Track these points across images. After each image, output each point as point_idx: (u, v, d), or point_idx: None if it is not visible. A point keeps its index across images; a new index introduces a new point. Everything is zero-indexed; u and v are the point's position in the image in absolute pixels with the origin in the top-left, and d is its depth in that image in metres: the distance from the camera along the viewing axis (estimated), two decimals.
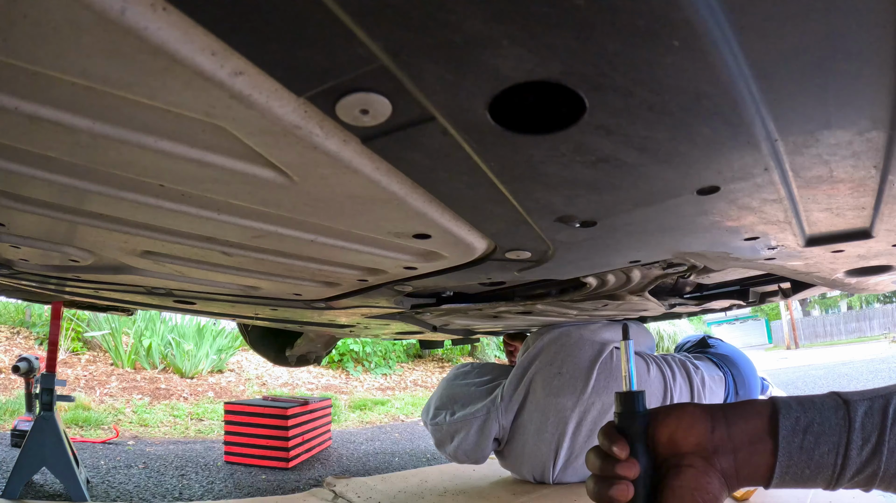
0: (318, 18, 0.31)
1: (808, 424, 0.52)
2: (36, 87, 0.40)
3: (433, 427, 1.93)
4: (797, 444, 0.51)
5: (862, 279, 0.99)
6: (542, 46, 0.32)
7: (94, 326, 5.70)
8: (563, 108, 0.39)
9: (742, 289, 1.27)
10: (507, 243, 0.75)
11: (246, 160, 0.50)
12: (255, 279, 1.04)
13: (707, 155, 0.46)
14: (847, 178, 0.52)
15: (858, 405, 0.52)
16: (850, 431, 0.50)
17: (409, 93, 0.37)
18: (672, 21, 0.30)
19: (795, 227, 0.67)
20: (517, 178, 0.51)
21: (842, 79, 0.36)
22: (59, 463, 1.87)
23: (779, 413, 0.52)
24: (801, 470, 0.51)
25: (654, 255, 0.83)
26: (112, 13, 0.31)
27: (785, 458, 0.51)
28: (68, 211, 0.70)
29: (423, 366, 7.90)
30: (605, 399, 1.74)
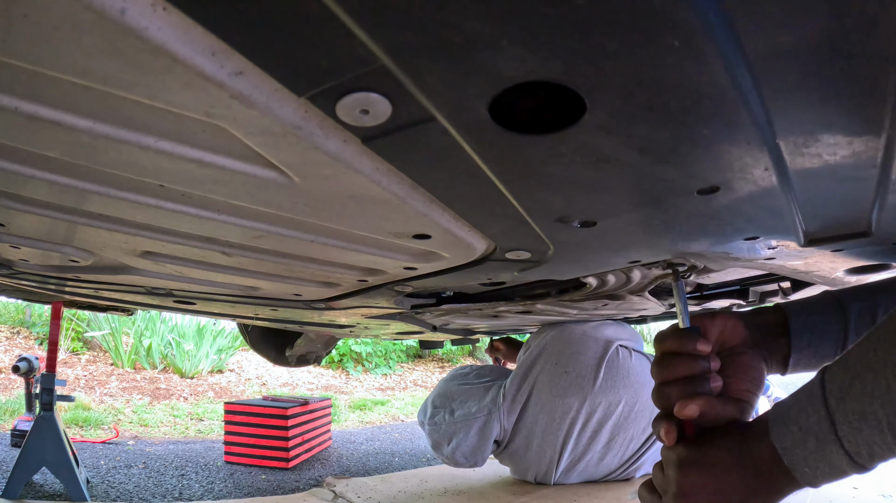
0: (319, 18, 0.31)
1: (812, 325, 0.64)
2: (36, 87, 0.40)
3: (431, 427, 1.89)
4: (805, 342, 0.64)
5: (862, 277, 0.99)
6: (542, 46, 0.32)
7: (94, 326, 5.70)
8: (564, 109, 0.39)
9: (742, 288, 1.27)
10: (507, 243, 0.75)
11: (246, 160, 0.50)
12: (255, 279, 1.04)
13: (707, 155, 0.46)
14: (847, 178, 0.52)
15: (853, 305, 0.64)
16: (846, 330, 0.63)
17: (410, 93, 0.37)
18: (672, 21, 0.30)
19: (795, 226, 0.67)
20: (517, 179, 0.51)
21: (842, 79, 0.36)
22: (59, 463, 1.87)
23: (789, 316, 0.66)
24: (808, 361, 0.64)
25: (655, 256, 0.83)
26: (112, 13, 0.31)
27: (796, 353, 0.64)
28: (68, 211, 0.70)
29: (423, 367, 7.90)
30: (610, 398, 1.71)
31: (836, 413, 0.47)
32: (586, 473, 1.81)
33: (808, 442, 0.49)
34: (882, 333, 0.45)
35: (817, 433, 0.48)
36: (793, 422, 0.51)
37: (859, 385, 0.45)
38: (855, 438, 0.45)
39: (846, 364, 0.48)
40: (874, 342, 0.45)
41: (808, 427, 0.49)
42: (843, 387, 0.46)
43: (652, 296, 1.26)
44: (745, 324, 0.67)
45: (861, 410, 0.44)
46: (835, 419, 0.47)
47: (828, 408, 0.47)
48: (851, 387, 0.46)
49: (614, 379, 1.73)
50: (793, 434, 0.51)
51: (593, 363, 1.74)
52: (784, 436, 0.52)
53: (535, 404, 1.77)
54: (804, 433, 0.50)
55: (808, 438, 0.49)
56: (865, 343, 0.47)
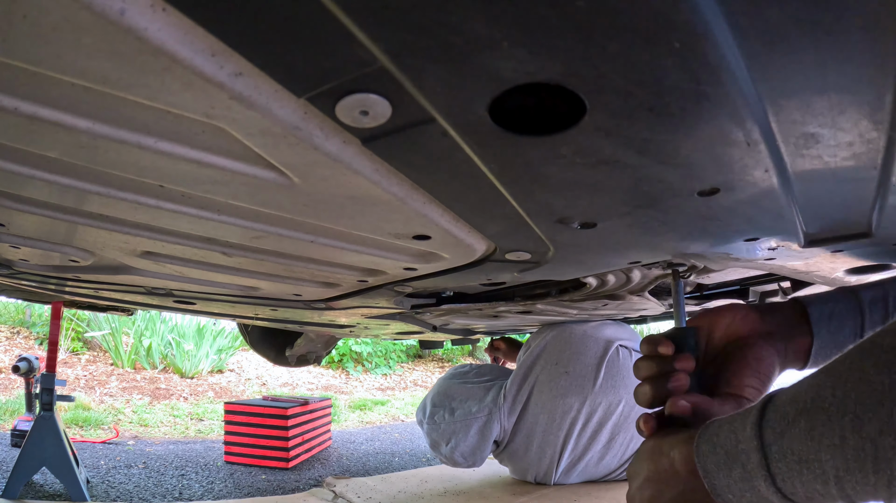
0: (319, 19, 0.31)
1: (830, 313, 0.63)
2: (36, 88, 0.40)
3: (430, 426, 1.87)
4: (825, 329, 0.62)
5: (863, 278, 0.99)
6: (542, 48, 0.32)
7: (94, 326, 5.70)
8: (564, 110, 0.39)
9: (742, 288, 1.27)
10: (507, 244, 0.75)
11: (246, 161, 0.50)
12: (255, 280, 1.04)
13: (707, 156, 0.46)
14: (847, 179, 0.52)
15: (865, 293, 0.63)
16: (862, 318, 0.61)
17: (410, 94, 0.37)
18: (673, 22, 0.30)
19: (796, 227, 0.67)
20: (517, 180, 0.51)
21: (843, 81, 0.36)
22: (59, 463, 1.87)
23: (807, 306, 0.64)
24: (830, 350, 0.62)
25: (654, 256, 0.83)
26: (111, 14, 0.31)
27: (818, 341, 0.62)
28: (68, 211, 0.70)
29: (423, 366, 7.90)
30: (611, 398, 1.71)
31: (771, 446, 0.41)
32: (586, 473, 1.81)
33: (733, 470, 0.44)
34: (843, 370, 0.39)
35: (745, 463, 0.43)
36: (720, 444, 0.46)
37: (805, 423, 0.39)
38: (791, 480, 0.40)
39: (797, 396, 0.41)
40: (832, 379, 0.39)
41: (735, 454, 0.44)
42: (785, 420, 0.40)
43: (652, 296, 1.26)
44: (759, 314, 0.65)
45: (804, 454, 0.39)
46: (768, 453, 0.41)
47: (761, 439, 0.42)
48: (795, 424, 0.39)
49: (614, 379, 1.73)
50: (718, 456, 0.46)
51: (594, 363, 1.74)
52: (707, 458, 0.47)
53: (535, 404, 1.77)
54: (730, 459, 0.45)
55: (733, 466, 0.44)
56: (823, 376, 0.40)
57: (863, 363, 0.37)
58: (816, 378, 0.41)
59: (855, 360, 0.38)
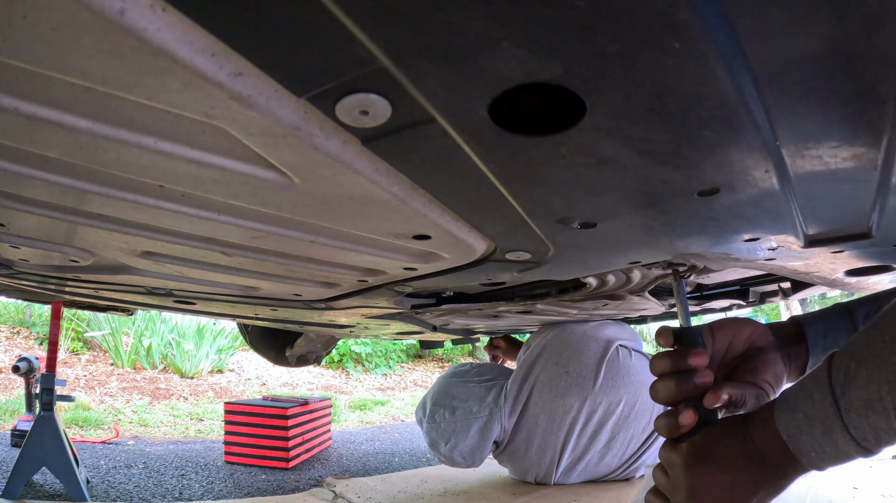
0: (318, 19, 0.31)
1: (825, 331, 0.70)
2: (35, 88, 0.40)
3: (429, 425, 1.85)
4: (821, 347, 0.69)
5: (862, 279, 0.99)
6: (542, 48, 0.32)
7: (94, 326, 5.70)
8: (564, 110, 0.39)
9: (742, 288, 1.27)
10: (507, 244, 0.75)
11: (246, 161, 0.50)
12: (255, 280, 1.04)
13: (708, 157, 0.46)
14: (847, 180, 0.52)
15: (858, 310, 0.69)
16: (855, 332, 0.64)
17: (409, 94, 0.37)
18: (673, 23, 0.30)
19: (796, 228, 0.67)
20: (517, 180, 0.51)
21: (843, 82, 0.36)
22: (59, 463, 1.87)
23: (805, 326, 0.71)
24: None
25: (655, 256, 0.83)
26: (111, 14, 0.31)
27: (813, 358, 0.69)
28: (68, 211, 0.70)
29: (423, 366, 7.90)
30: (611, 397, 1.71)
31: (841, 399, 0.48)
32: (586, 473, 1.81)
33: (814, 427, 0.50)
34: (889, 320, 0.46)
35: (823, 419, 0.49)
36: (798, 409, 0.52)
37: (865, 372, 0.46)
38: (861, 424, 0.46)
39: (852, 351, 0.48)
40: (881, 329, 0.46)
41: (813, 413, 0.50)
42: (848, 374, 0.47)
43: (652, 296, 1.26)
44: (772, 331, 0.74)
45: (867, 397, 0.45)
46: (840, 405, 0.48)
47: (833, 395, 0.48)
48: (857, 374, 0.46)
49: (615, 378, 1.73)
50: (798, 420, 0.52)
51: (594, 363, 1.73)
52: (789, 423, 0.53)
53: (535, 404, 1.76)
54: (810, 419, 0.51)
55: (813, 424, 0.50)
56: (872, 330, 0.47)
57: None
58: (867, 333, 0.48)
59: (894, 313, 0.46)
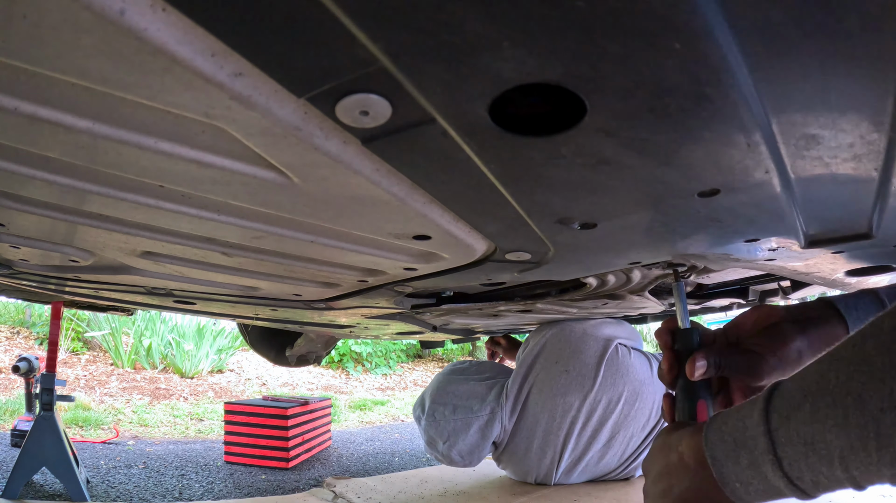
0: (318, 20, 0.31)
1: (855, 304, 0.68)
2: (35, 88, 0.40)
3: (428, 422, 1.83)
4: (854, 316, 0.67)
5: (862, 279, 0.99)
6: (542, 48, 0.32)
7: (94, 326, 5.70)
8: (564, 111, 0.39)
9: (742, 288, 1.27)
10: (507, 245, 0.75)
11: (246, 161, 0.50)
12: (255, 280, 1.04)
13: (708, 157, 0.46)
14: (848, 181, 0.52)
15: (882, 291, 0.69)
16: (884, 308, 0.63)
17: (410, 94, 0.37)
18: (673, 23, 0.30)
19: (796, 228, 0.67)
20: (517, 180, 0.51)
21: (844, 82, 0.36)
22: (59, 463, 1.87)
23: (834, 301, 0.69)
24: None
25: (655, 257, 0.83)
26: (111, 14, 0.30)
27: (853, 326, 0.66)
28: (68, 211, 0.70)
29: (423, 366, 7.90)
30: (611, 396, 1.71)
31: (777, 431, 0.43)
32: (586, 472, 1.81)
33: (740, 457, 0.46)
34: (846, 353, 0.40)
35: (752, 449, 0.44)
36: (727, 432, 0.47)
37: (810, 407, 0.40)
38: (798, 463, 0.41)
39: (801, 380, 0.43)
40: (836, 362, 0.40)
41: (742, 440, 0.45)
42: (791, 405, 0.42)
43: (652, 296, 1.26)
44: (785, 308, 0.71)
45: (809, 436, 0.40)
46: (775, 437, 0.43)
47: (768, 424, 0.43)
48: (801, 408, 0.41)
49: (614, 377, 1.72)
50: (726, 444, 0.47)
51: (593, 362, 1.73)
52: (716, 447, 0.48)
53: (534, 403, 1.76)
54: (738, 446, 0.46)
55: (741, 453, 0.46)
56: (827, 361, 0.42)
57: (864, 345, 0.39)
58: (821, 363, 0.42)
59: (857, 343, 0.40)
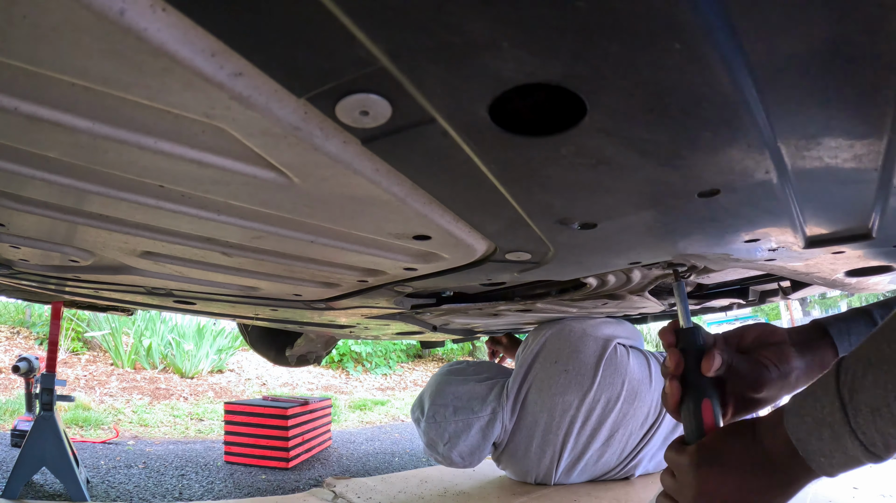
0: (318, 20, 0.31)
1: (848, 330, 0.70)
2: (35, 88, 0.40)
3: (428, 424, 1.82)
4: (847, 343, 0.70)
5: (862, 279, 0.99)
6: (542, 49, 0.32)
7: (94, 326, 5.70)
8: (564, 111, 0.39)
9: (742, 288, 1.27)
10: (507, 245, 0.75)
11: (246, 161, 0.50)
12: (255, 280, 1.04)
13: (708, 158, 0.46)
14: (848, 181, 0.52)
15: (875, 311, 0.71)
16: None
17: (410, 94, 0.37)
18: (674, 24, 0.30)
19: (796, 229, 0.66)
20: (517, 180, 0.51)
21: (844, 82, 0.36)
22: (59, 463, 1.87)
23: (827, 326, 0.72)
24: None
25: (655, 257, 0.83)
26: (111, 14, 0.30)
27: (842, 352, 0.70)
28: (68, 211, 0.70)
29: (423, 366, 7.90)
30: (609, 395, 1.71)
31: (849, 404, 0.47)
32: (586, 472, 1.81)
33: (822, 432, 0.50)
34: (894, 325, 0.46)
35: (832, 424, 0.49)
36: (807, 413, 0.52)
37: (872, 377, 0.46)
38: (869, 429, 0.46)
39: (860, 356, 0.48)
40: (888, 335, 0.46)
41: (822, 418, 0.50)
42: (856, 379, 0.47)
43: (652, 296, 1.26)
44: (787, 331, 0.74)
45: (874, 403, 0.45)
46: (848, 410, 0.47)
47: (841, 400, 0.48)
48: (864, 379, 0.46)
49: (613, 376, 1.72)
50: (807, 424, 0.51)
51: (593, 361, 1.73)
52: (799, 427, 0.52)
53: (533, 403, 1.75)
54: (818, 424, 0.50)
55: (822, 429, 0.50)
56: (879, 335, 0.47)
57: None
58: (874, 339, 0.48)
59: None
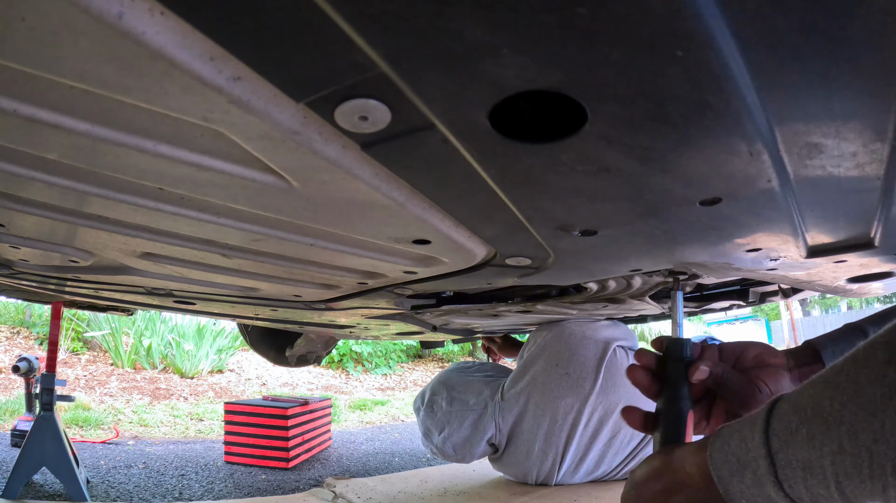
0: (317, 25, 0.30)
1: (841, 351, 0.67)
2: (34, 90, 0.40)
3: (426, 413, 1.88)
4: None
5: (864, 285, 0.99)
6: (543, 55, 0.32)
7: (94, 326, 5.70)
8: (565, 118, 0.39)
9: (742, 289, 1.27)
10: (507, 250, 0.75)
11: (245, 165, 0.50)
12: (255, 281, 1.04)
13: (709, 166, 0.46)
14: (850, 189, 0.52)
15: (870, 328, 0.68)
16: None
17: (409, 100, 0.37)
18: (676, 31, 0.30)
19: (798, 238, 0.66)
20: (517, 187, 0.51)
21: (846, 90, 0.36)
22: (59, 463, 1.87)
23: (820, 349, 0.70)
24: None
25: (656, 265, 0.82)
26: (109, 17, 0.30)
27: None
28: (68, 213, 0.70)
29: (423, 366, 7.89)
30: (611, 398, 1.72)
31: (778, 454, 0.44)
32: (588, 473, 1.81)
33: (745, 476, 0.47)
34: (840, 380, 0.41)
35: (755, 470, 0.46)
36: (731, 453, 0.49)
37: (806, 432, 0.42)
38: (797, 485, 0.43)
39: (797, 403, 0.44)
40: (830, 389, 0.42)
41: (746, 461, 0.47)
42: (789, 429, 0.44)
43: (652, 300, 1.25)
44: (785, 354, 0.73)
45: (807, 459, 0.42)
46: (776, 460, 0.44)
47: (769, 448, 0.45)
48: (798, 433, 0.43)
49: (614, 378, 1.74)
50: (730, 463, 0.49)
51: (593, 364, 1.74)
52: (721, 465, 0.50)
53: (535, 405, 1.76)
54: (742, 466, 0.47)
55: (745, 473, 0.47)
56: (822, 385, 0.43)
57: (858, 375, 0.40)
58: (816, 387, 0.43)
59: (850, 372, 0.41)
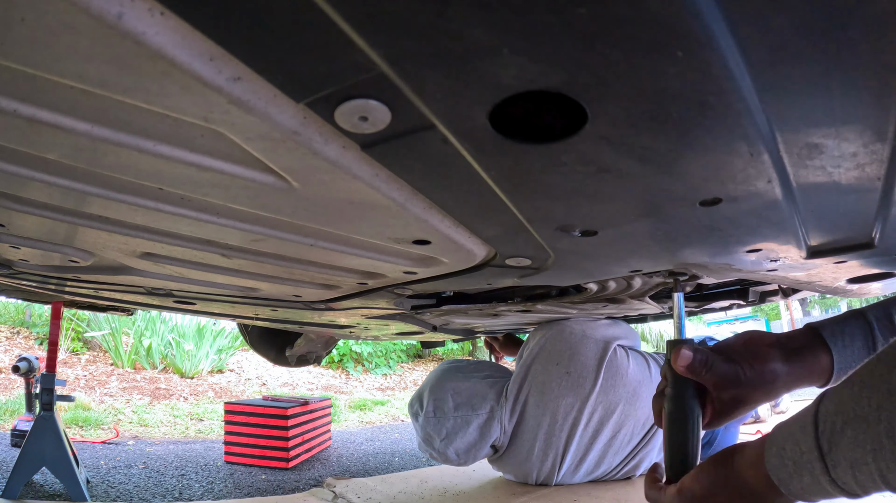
0: (317, 25, 0.30)
1: (842, 331, 0.68)
2: (34, 90, 0.40)
3: (426, 419, 1.81)
4: (840, 344, 0.68)
5: (864, 286, 0.99)
6: (543, 56, 0.32)
7: (94, 326, 5.71)
8: (565, 118, 0.39)
9: (742, 288, 1.27)
10: (507, 250, 0.75)
11: (245, 165, 0.50)
12: (255, 281, 1.04)
13: (710, 166, 0.46)
14: (851, 190, 0.52)
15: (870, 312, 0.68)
16: (872, 332, 0.67)
17: (409, 100, 0.37)
18: (676, 31, 0.30)
19: (798, 239, 0.66)
20: (517, 187, 0.51)
21: (847, 90, 0.36)
22: (59, 463, 1.87)
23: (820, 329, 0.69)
24: (848, 363, 0.67)
25: (656, 265, 0.82)
26: (109, 18, 0.30)
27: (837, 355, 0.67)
28: (68, 213, 0.70)
29: (423, 366, 7.89)
30: (611, 397, 1.71)
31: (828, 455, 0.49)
32: (588, 473, 1.81)
33: (803, 476, 0.52)
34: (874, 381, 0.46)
35: (811, 471, 0.50)
36: (788, 457, 0.53)
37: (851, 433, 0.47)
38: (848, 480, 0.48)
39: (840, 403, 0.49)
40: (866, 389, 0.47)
41: (802, 463, 0.51)
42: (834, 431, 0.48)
43: (652, 300, 1.25)
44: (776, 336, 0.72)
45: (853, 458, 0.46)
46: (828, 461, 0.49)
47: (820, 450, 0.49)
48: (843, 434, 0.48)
49: (614, 378, 1.73)
50: (788, 467, 0.53)
51: (594, 364, 1.73)
52: (780, 469, 0.54)
53: (535, 405, 1.75)
54: (799, 468, 0.52)
55: (802, 474, 0.52)
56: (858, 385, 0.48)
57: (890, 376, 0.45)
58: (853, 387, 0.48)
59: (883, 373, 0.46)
